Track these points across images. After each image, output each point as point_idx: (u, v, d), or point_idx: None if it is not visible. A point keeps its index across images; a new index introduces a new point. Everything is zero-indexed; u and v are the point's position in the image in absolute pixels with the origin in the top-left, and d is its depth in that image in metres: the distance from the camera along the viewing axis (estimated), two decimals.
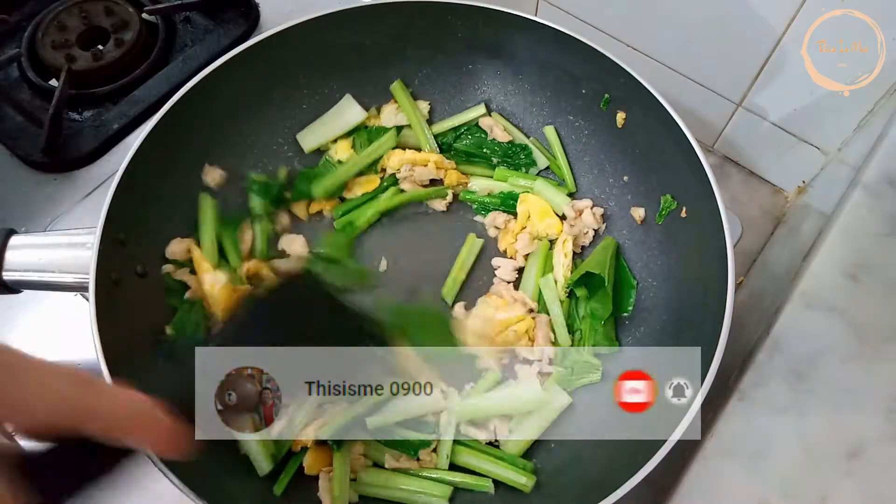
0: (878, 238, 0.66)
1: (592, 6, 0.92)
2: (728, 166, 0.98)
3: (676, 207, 0.76)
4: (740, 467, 0.59)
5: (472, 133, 0.89)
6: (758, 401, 0.61)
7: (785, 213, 0.94)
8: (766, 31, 0.78)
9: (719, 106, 0.91)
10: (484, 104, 0.89)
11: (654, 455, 0.58)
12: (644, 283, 0.80)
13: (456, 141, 0.89)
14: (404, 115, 0.89)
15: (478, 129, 0.89)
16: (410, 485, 0.70)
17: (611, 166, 0.85)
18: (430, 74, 0.89)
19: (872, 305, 0.63)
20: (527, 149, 0.88)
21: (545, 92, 0.87)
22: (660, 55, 0.90)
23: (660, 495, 0.61)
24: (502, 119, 0.90)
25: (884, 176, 0.68)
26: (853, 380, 0.61)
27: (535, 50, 0.83)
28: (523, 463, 0.72)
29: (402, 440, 0.71)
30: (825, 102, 0.81)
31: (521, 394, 0.74)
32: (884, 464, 0.57)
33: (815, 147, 0.87)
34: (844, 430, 0.59)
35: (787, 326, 0.63)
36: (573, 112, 0.86)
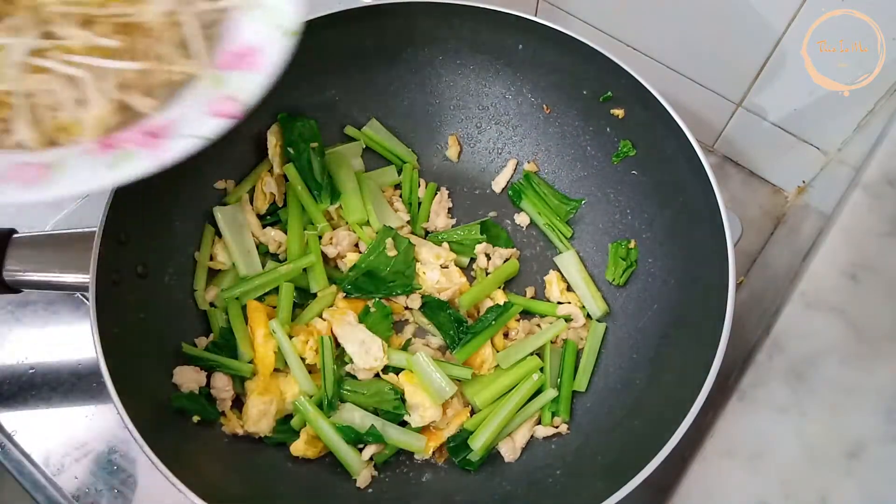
0: (878, 238, 0.66)
1: (592, 6, 0.92)
2: (728, 166, 0.98)
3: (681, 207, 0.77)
4: (740, 467, 0.58)
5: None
6: (758, 401, 0.60)
7: (785, 213, 0.94)
8: (766, 31, 0.78)
9: (719, 106, 0.91)
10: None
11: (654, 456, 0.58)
12: (644, 282, 0.80)
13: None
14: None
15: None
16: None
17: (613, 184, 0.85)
18: (430, 75, 0.89)
19: (872, 305, 0.63)
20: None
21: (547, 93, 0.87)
22: (660, 55, 0.90)
23: (660, 495, 0.61)
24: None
25: (884, 176, 0.68)
26: (853, 380, 0.61)
27: (536, 50, 0.83)
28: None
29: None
30: (825, 102, 0.81)
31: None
32: (884, 464, 0.57)
33: (815, 147, 0.87)
34: (844, 430, 0.59)
35: (787, 326, 0.63)
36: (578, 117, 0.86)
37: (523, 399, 0.75)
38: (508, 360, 0.77)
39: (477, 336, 0.77)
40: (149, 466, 0.59)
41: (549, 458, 0.74)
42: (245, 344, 0.76)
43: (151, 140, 0.55)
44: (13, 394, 0.82)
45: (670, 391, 0.67)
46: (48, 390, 0.82)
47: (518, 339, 0.80)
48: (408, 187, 0.89)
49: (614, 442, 0.70)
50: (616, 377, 0.77)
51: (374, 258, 0.80)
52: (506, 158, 0.92)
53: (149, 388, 0.69)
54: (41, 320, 0.87)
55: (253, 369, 0.75)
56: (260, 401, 0.72)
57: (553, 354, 0.78)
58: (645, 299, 0.79)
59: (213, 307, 0.79)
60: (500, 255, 0.86)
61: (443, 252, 0.83)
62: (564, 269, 0.85)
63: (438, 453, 0.75)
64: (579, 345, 0.80)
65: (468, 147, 0.93)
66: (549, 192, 0.88)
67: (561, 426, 0.75)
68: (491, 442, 0.73)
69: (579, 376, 0.77)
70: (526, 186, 0.89)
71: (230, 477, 0.68)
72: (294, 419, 0.74)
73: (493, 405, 0.75)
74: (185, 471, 0.59)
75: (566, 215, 0.87)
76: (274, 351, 0.75)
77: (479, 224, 0.87)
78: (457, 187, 0.92)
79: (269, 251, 0.83)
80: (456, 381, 0.74)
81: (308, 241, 0.82)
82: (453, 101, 0.91)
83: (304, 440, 0.72)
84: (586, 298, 0.82)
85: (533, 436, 0.76)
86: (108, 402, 0.78)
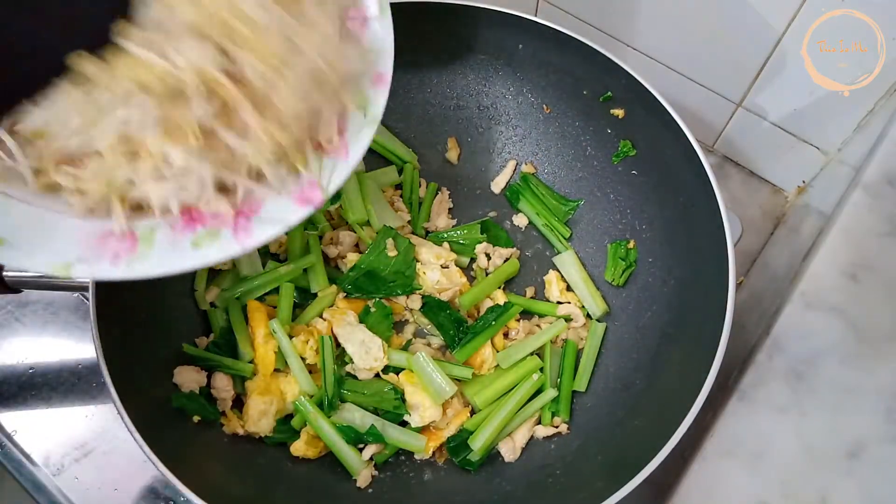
0: (878, 238, 0.66)
1: (592, 6, 0.92)
2: (728, 166, 0.98)
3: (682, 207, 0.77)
4: (740, 467, 0.59)
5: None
6: (758, 401, 0.61)
7: (785, 213, 0.94)
8: (766, 31, 0.78)
9: (719, 106, 0.91)
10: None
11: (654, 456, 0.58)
12: (644, 282, 0.80)
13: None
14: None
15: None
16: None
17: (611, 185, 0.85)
18: (430, 75, 0.89)
19: (872, 305, 0.63)
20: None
21: (547, 93, 0.87)
22: (660, 55, 0.90)
23: (660, 495, 0.61)
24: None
25: (884, 176, 0.68)
26: (853, 380, 0.61)
27: (536, 50, 0.83)
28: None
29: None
30: (825, 102, 0.81)
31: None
32: (884, 464, 0.57)
33: (815, 147, 0.87)
34: (844, 430, 0.59)
35: (787, 326, 0.63)
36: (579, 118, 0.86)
37: (523, 399, 0.75)
38: (508, 360, 0.77)
39: (477, 336, 0.77)
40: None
41: (549, 458, 0.74)
42: (245, 344, 0.76)
43: (241, 220, 0.52)
44: (13, 394, 0.82)
45: (670, 391, 0.67)
46: (48, 390, 0.82)
47: (518, 339, 0.80)
48: (408, 187, 0.89)
49: (614, 442, 0.70)
50: (616, 377, 0.77)
51: (375, 258, 0.80)
52: (506, 158, 0.92)
53: (149, 388, 0.69)
54: (41, 320, 0.87)
55: (253, 369, 0.75)
56: (260, 401, 0.72)
57: (553, 354, 0.78)
58: (645, 299, 0.79)
59: (213, 307, 0.79)
60: (500, 255, 0.86)
61: (443, 252, 0.83)
62: (563, 269, 0.85)
63: (438, 453, 0.75)
64: (579, 345, 0.80)
65: (468, 147, 0.93)
66: (547, 194, 0.88)
67: (561, 426, 0.75)
68: (491, 442, 0.73)
69: (579, 376, 0.78)
70: (524, 188, 0.89)
71: (230, 477, 0.68)
72: (294, 419, 0.74)
73: (493, 405, 0.75)
74: (185, 471, 0.59)
75: (564, 216, 0.87)
76: (274, 351, 0.75)
77: (480, 224, 0.87)
78: (457, 187, 0.92)
79: (270, 251, 0.83)
80: (456, 381, 0.74)
81: (309, 241, 0.83)
82: (453, 102, 0.91)
83: (304, 440, 0.72)
84: (586, 298, 0.82)
85: (533, 436, 0.76)
86: (108, 402, 0.79)
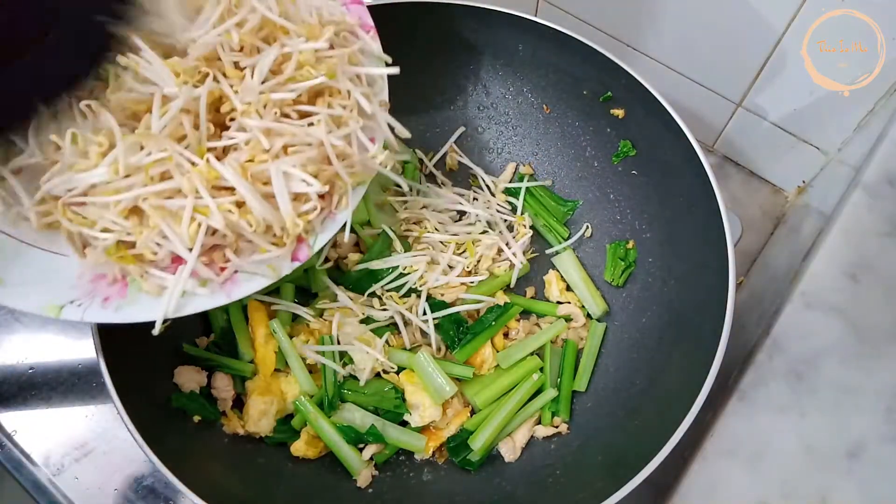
0: (878, 238, 0.66)
1: (592, 6, 0.92)
2: (728, 166, 0.98)
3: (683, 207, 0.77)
4: (740, 467, 0.59)
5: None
6: (758, 401, 0.61)
7: (785, 213, 0.94)
8: (766, 31, 0.78)
9: (719, 106, 0.91)
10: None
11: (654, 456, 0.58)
12: (644, 282, 0.80)
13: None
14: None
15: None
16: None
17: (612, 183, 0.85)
18: (429, 75, 0.89)
19: (872, 305, 0.63)
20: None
21: (547, 94, 0.87)
22: (660, 55, 0.90)
23: (660, 495, 0.61)
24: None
25: (884, 176, 0.68)
26: (853, 380, 0.61)
27: (536, 50, 0.83)
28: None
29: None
30: (825, 102, 0.81)
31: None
32: (884, 464, 0.57)
33: (815, 147, 0.87)
34: (844, 430, 0.59)
35: (787, 326, 0.63)
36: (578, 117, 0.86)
37: (523, 399, 0.75)
38: (508, 360, 0.77)
39: (477, 336, 0.77)
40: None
41: (549, 458, 0.74)
42: (246, 344, 0.76)
43: (227, 272, 0.55)
44: (13, 394, 0.82)
45: (670, 391, 0.67)
46: (48, 390, 0.82)
47: (518, 339, 0.80)
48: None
49: (614, 442, 0.70)
50: (616, 377, 0.77)
51: (375, 258, 0.80)
52: (506, 158, 0.92)
53: (149, 388, 0.69)
54: (41, 320, 0.86)
55: (253, 369, 0.75)
56: (261, 401, 0.72)
57: (553, 354, 0.78)
58: (645, 299, 0.79)
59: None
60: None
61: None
62: (563, 269, 0.84)
63: (438, 453, 0.75)
64: (579, 345, 0.80)
65: (468, 147, 0.93)
66: (546, 195, 0.88)
67: (561, 426, 0.75)
68: (491, 442, 0.73)
69: (579, 376, 0.78)
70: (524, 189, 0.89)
71: (230, 477, 0.68)
72: (294, 419, 0.74)
73: (493, 405, 0.75)
74: (185, 471, 0.59)
75: (563, 217, 0.87)
76: (275, 351, 0.75)
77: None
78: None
79: None
80: (456, 381, 0.74)
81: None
82: (453, 102, 0.91)
83: (304, 440, 0.72)
84: (586, 298, 0.82)
85: (533, 436, 0.76)
86: (108, 402, 0.78)
